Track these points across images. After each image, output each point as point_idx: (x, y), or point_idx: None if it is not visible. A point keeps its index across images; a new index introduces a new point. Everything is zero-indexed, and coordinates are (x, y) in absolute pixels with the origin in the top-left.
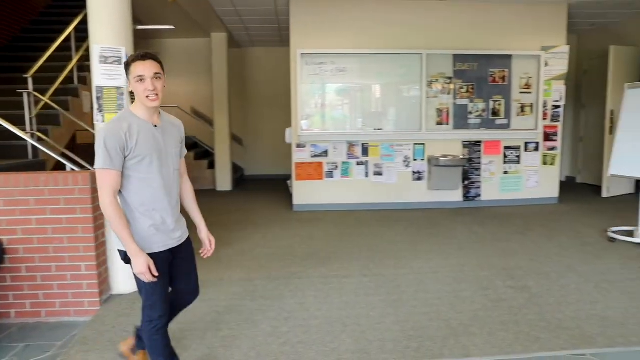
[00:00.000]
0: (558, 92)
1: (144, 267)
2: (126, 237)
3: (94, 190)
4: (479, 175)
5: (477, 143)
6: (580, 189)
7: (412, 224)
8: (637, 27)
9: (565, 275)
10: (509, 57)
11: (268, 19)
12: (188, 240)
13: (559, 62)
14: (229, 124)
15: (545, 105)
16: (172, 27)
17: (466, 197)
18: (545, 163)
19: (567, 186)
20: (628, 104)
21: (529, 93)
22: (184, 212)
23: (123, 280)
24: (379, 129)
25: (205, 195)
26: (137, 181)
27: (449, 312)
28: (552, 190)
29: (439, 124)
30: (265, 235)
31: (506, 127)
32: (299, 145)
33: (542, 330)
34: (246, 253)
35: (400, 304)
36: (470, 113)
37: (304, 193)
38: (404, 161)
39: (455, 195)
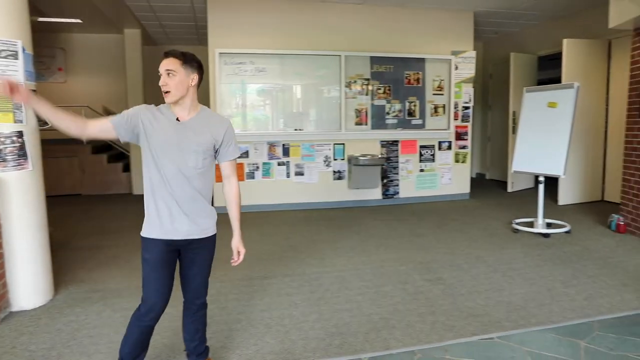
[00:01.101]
0: (467, 94)
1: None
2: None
3: None
4: (396, 174)
5: (395, 142)
6: (489, 185)
7: (334, 222)
8: (533, 36)
9: (475, 265)
10: (423, 60)
11: (185, 17)
12: (205, 242)
13: (467, 66)
14: None
15: (456, 107)
16: (78, 20)
17: (385, 195)
18: (457, 161)
19: (478, 182)
20: (526, 106)
21: (442, 95)
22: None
23: (25, 295)
24: (299, 129)
25: (120, 200)
26: (152, 165)
27: (370, 307)
28: (464, 186)
29: (358, 124)
30: None
31: (421, 127)
32: None
33: (456, 319)
34: None
35: (323, 301)
36: (388, 113)
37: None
38: (325, 161)
39: (374, 194)
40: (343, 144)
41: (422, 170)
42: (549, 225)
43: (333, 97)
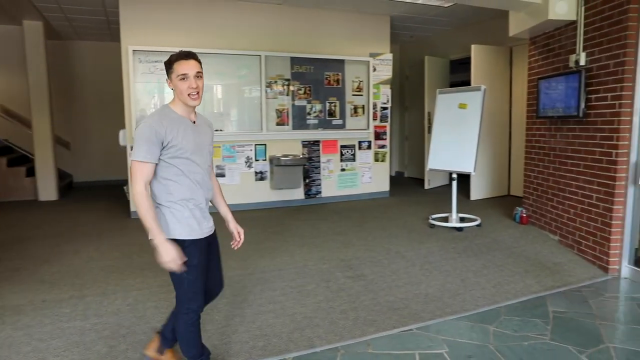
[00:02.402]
0: (385, 95)
1: (172, 254)
2: (153, 225)
3: None
4: (318, 174)
5: (316, 142)
6: (408, 183)
7: (256, 223)
8: (446, 41)
9: (395, 261)
10: (342, 61)
11: (94, 10)
12: (215, 234)
13: (385, 68)
14: (51, 125)
15: (375, 107)
16: None
17: (307, 194)
18: (377, 160)
19: (397, 180)
20: (439, 107)
21: (361, 95)
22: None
23: None
24: (220, 130)
25: (24, 207)
26: (178, 172)
27: (293, 307)
28: (383, 184)
29: (279, 124)
30: (99, 247)
31: (342, 127)
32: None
33: (377, 314)
34: (77, 269)
35: (246, 304)
36: (309, 114)
37: None
38: (246, 162)
39: (297, 194)
40: (264, 144)
41: (343, 170)
42: (462, 220)
43: (254, 97)
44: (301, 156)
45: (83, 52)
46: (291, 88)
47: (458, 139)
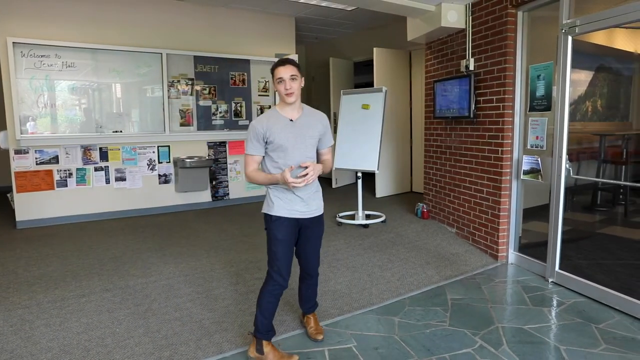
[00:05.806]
0: None
1: (286, 177)
2: (269, 179)
3: None
4: (225, 175)
5: (222, 143)
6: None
7: (161, 228)
8: (350, 43)
9: None
10: (247, 61)
11: None
12: (317, 222)
13: None
14: None
15: None
16: None
17: (215, 196)
18: None
19: None
20: (344, 108)
21: (267, 96)
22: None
23: None
24: (119, 131)
25: None
26: (275, 164)
27: (201, 312)
28: None
29: (184, 125)
30: None
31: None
32: (18, 151)
33: (287, 313)
34: None
35: (150, 313)
36: (214, 114)
37: (30, 207)
38: (149, 164)
39: (204, 196)
40: (168, 146)
41: None
42: (368, 217)
43: (156, 97)
44: (207, 157)
45: None
46: (195, 88)
47: (362, 138)
